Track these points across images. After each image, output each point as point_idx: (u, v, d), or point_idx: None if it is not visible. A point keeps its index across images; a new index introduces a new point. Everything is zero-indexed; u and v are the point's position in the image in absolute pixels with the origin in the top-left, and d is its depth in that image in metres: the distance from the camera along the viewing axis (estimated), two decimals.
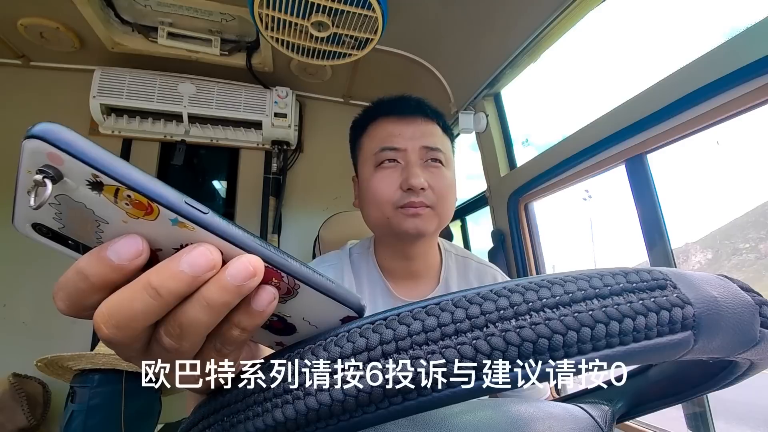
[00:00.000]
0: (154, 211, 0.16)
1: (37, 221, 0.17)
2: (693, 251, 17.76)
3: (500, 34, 1.09)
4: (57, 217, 0.17)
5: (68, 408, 1.05)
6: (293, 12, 1.02)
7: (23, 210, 0.16)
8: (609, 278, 0.17)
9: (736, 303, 0.19)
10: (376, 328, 0.17)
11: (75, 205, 0.16)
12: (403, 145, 0.61)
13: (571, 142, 0.95)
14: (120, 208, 0.16)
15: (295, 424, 0.16)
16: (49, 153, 0.15)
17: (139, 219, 0.16)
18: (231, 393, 0.19)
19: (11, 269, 1.35)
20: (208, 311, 0.16)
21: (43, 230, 0.18)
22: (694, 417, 0.74)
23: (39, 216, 0.17)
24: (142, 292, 0.16)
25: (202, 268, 0.16)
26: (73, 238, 0.18)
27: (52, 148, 0.14)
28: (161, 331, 0.17)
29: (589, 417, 0.29)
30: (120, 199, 0.16)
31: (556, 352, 0.15)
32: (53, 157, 0.15)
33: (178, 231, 0.16)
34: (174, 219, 0.16)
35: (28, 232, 0.18)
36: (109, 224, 0.17)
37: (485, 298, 0.17)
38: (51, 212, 0.17)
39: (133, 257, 0.16)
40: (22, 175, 0.15)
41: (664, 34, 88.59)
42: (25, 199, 0.15)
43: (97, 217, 0.16)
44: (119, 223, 0.16)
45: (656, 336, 0.17)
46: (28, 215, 0.17)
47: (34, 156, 0.15)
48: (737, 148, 52.63)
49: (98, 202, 0.16)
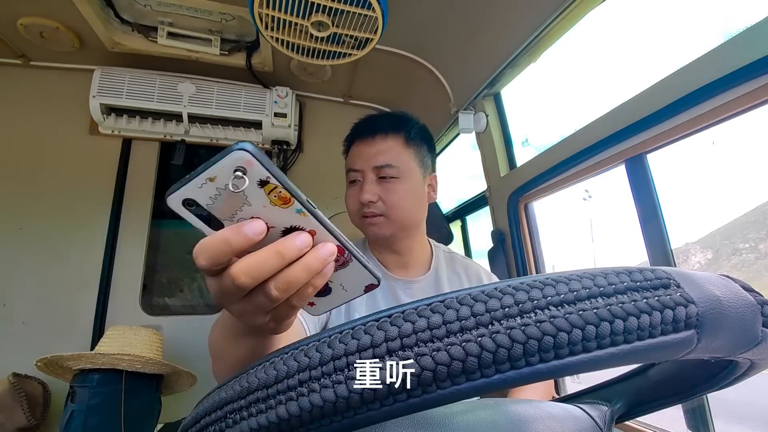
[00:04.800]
0: (290, 203, 0.25)
1: (192, 198, 0.24)
2: (693, 251, 17.76)
3: (500, 34, 1.09)
4: (213, 197, 0.24)
5: (68, 408, 1.05)
6: (293, 12, 1.02)
7: (189, 189, 0.23)
8: (613, 277, 0.17)
9: (739, 302, 0.19)
10: (381, 325, 0.17)
11: (236, 196, 0.24)
12: (360, 166, 0.72)
13: (571, 142, 0.96)
14: (268, 198, 0.24)
15: (299, 421, 0.16)
16: (248, 160, 0.22)
17: (276, 206, 0.25)
18: (234, 389, 0.19)
19: (11, 269, 1.34)
20: (306, 272, 0.25)
21: (191, 205, 0.24)
22: (693, 416, 0.74)
23: (198, 194, 0.24)
24: (273, 255, 0.24)
25: (306, 245, 0.25)
26: (212, 212, 0.25)
27: (252, 157, 0.22)
28: (271, 285, 0.25)
29: (588, 417, 0.29)
30: (272, 193, 0.24)
31: (561, 349, 0.15)
32: (249, 163, 0.23)
33: (296, 217, 0.25)
34: (299, 209, 0.25)
35: (177, 205, 0.24)
36: (252, 207, 0.24)
37: (490, 295, 0.17)
38: (212, 193, 0.24)
39: (260, 234, 0.24)
40: (216, 169, 0.23)
41: (664, 35, 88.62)
42: (199, 182, 0.23)
43: (246, 201, 0.24)
44: (259, 207, 0.24)
45: (660, 334, 0.17)
46: (187, 193, 0.24)
47: (236, 161, 0.22)
48: (737, 148, 51.79)
49: (256, 192, 0.24)
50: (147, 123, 1.47)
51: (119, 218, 1.47)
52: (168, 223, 1.67)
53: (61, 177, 1.44)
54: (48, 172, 1.43)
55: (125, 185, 1.50)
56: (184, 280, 1.72)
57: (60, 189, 1.43)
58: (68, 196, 1.43)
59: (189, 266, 1.71)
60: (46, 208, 1.41)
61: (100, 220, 1.45)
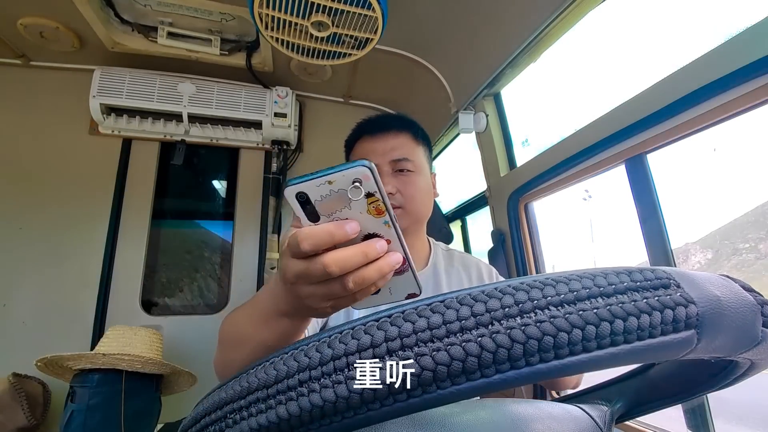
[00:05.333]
0: (382, 215, 0.30)
1: (306, 192, 0.29)
2: (693, 251, 17.72)
3: (500, 34, 1.09)
4: (324, 196, 0.29)
5: (68, 408, 1.05)
6: (293, 12, 1.02)
7: (308, 185, 0.28)
8: (613, 277, 0.17)
9: (739, 302, 0.19)
10: (381, 325, 0.17)
11: (343, 196, 0.29)
12: (376, 161, 0.71)
13: (571, 142, 0.96)
14: (366, 206, 0.29)
15: (299, 421, 0.16)
16: (366, 175, 0.28)
17: (370, 215, 0.30)
18: (234, 389, 0.19)
19: (11, 269, 1.34)
20: (378, 273, 0.30)
21: (302, 198, 0.29)
22: (694, 416, 0.74)
23: (312, 191, 0.28)
24: (360, 253, 0.30)
25: (384, 251, 0.31)
26: (316, 208, 0.29)
27: (370, 173, 0.28)
28: (349, 278, 0.30)
29: (588, 417, 0.29)
30: (372, 204, 0.29)
31: (561, 349, 0.15)
32: (366, 177, 0.28)
33: (381, 226, 0.30)
34: (386, 221, 0.30)
35: (291, 195, 0.29)
36: (350, 211, 0.29)
37: (490, 295, 0.17)
38: (324, 192, 0.28)
39: (355, 233, 0.30)
40: (338, 175, 0.28)
41: (664, 35, 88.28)
42: (319, 182, 0.28)
43: (348, 205, 0.29)
44: (356, 213, 0.29)
45: (660, 334, 0.17)
46: (304, 188, 0.28)
47: (358, 173, 0.28)
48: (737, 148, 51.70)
49: (359, 200, 0.29)
50: (147, 123, 1.47)
51: (119, 218, 1.47)
52: (168, 223, 1.67)
53: (61, 177, 1.44)
54: (48, 171, 1.43)
55: (125, 185, 1.50)
56: (184, 280, 1.72)
57: (60, 189, 1.43)
58: (68, 195, 1.43)
59: (189, 266, 1.71)
60: (46, 208, 1.41)
61: (100, 219, 1.45)
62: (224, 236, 1.74)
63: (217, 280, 1.72)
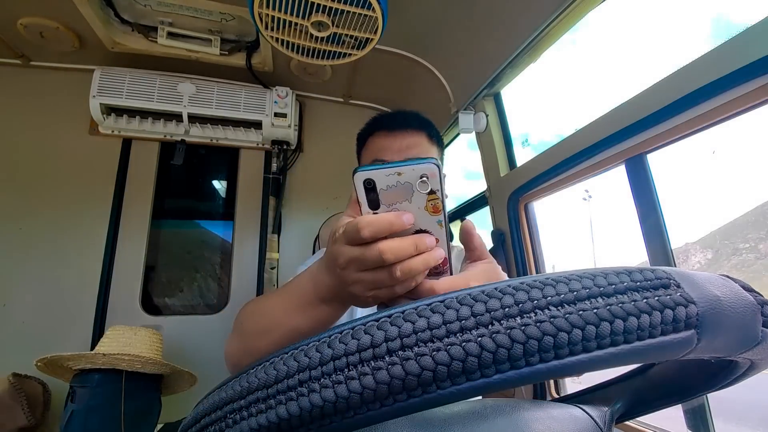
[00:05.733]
0: (437, 213, 0.32)
1: (374, 180, 0.31)
2: (693, 251, 17.74)
3: (500, 34, 1.09)
4: (389, 186, 0.31)
5: (68, 408, 1.05)
6: (293, 12, 1.02)
7: (378, 173, 0.30)
8: (613, 277, 0.17)
9: (739, 303, 0.19)
10: (381, 325, 0.17)
11: (408, 189, 0.31)
12: (390, 157, 0.71)
13: (571, 142, 0.96)
14: (425, 203, 0.31)
15: (299, 421, 0.16)
16: (434, 172, 0.30)
17: (426, 212, 0.32)
18: (234, 389, 0.19)
19: (11, 269, 1.34)
20: (424, 266, 0.32)
21: (369, 185, 0.31)
22: (693, 417, 0.74)
23: (380, 180, 0.31)
24: (413, 245, 0.32)
25: (432, 246, 0.33)
26: (379, 196, 0.31)
27: (437, 171, 0.30)
28: (398, 267, 0.32)
29: (588, 417, 0.29)
30: (431, 201, 0.31)
31: (561, 350, 0.15)
32: (433, 174, 0.30)
33: (434, 224, 0.33)
34: (440, 220, 0.32)
35: (359, 179, 0.31)
36: (410, 204, 0.32)
37: (490, 295, 0.17)
38: (391, 183, 0.31)
39: (410, 225, 0.32)
40: (407, 168, 0.30)
41: (664, 35, 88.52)
42: (390, 172, 0.30)
43: (409, 198, 0.31)
44: (415, 207, 0.32)
45: (660, 334, 0.17)
46: (373, 175, 0.31)
47: (426, 169, 0.30)
48: (737, 148, 51.42)
49: (420, 195, 0.31)
50: (147, 123, 1.47)
51: (119, 218, 1.47)
52: (168, 223, 1.67)
53: (61, 177, 1.44)
54: (48, 171, 1.43)
55: (125, 185, 1.51)
56: (184, 280, 1.72)
57: (60, 189, 1.43)
58: (68, 195, 1.43)
59: (189, 266, 1.71)
60: (45, 208, 1.41)
61: (100, 219, 1.45)
62: (224, 236, 1.74)
63: (217, 280, 1.72)
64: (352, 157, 0.81)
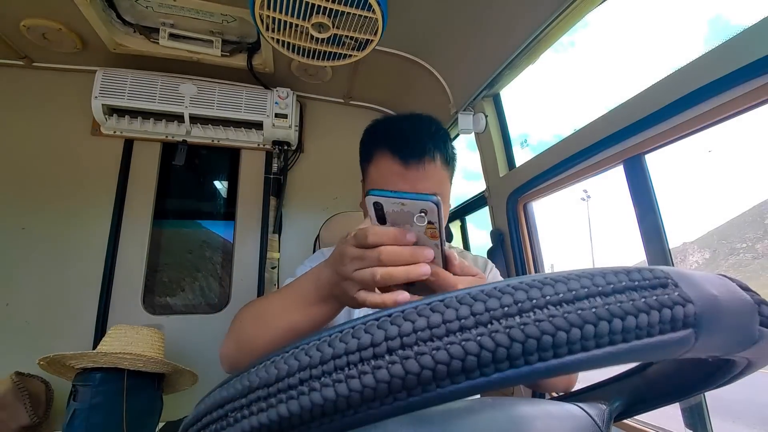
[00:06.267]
0: (435, 238, 0.38)
1: (382, 204, 0.36)
2: (690, 251, 17.69)
3: (499, 36, 1.09)
4: (395, 211, 0.36)
5: (70, 406, 1.05)
6: (294, 13, 1.02)
7: (386, 200, 0.36)
8: (611, 276, 0.17)
9: (736, 302, 0.19)
10: (381, 325, 0.17)
11: (410, 216, 0.36)
12: (400, 188, 0.64)
13: (570, 142, 0.96)
14: (424, 230, 0.38)
15: (300, 419, 0.17)
16: (432, 209, 0.35)
17: (426, 236, 0.38)
18: (235, 387, 0.19)
19: (14, 269, 1.35)
20: (404, 274, 0.38)
21: (378, 207, 0.36)
22: (691, 415, 0.74)
23: (388, 205, 0.36)
24: (410, 252, 0.38)
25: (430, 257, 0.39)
26: (386, 217, 0.37)
27: (436, 208, 0.35)
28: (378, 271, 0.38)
29: (586, 416, 0.29)
30: (429, 229, 0.37)
31: (560, 348, 0.16)
32: (432, 211, 0.36)
33: (431, 244, 0.39)
34: (437, 243, 0.38)
35: (370, 201, 0.36)
36: (412, 228, 0.38)
37: (489, 295, 0.17)
38: (396, 209, 0.36)
39: (412, 242, 0.38)
40: (410, 201, 0.36)
41: (664, 35, 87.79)
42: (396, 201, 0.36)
43: (411, 223, 0.37)
44: (420, 232, 0.38)
45: (658, 334, 0.17)
46: (382, 201, 0.36)
47: (425, 205, 0.35)
48: (735, 148, 51.07)
49: (421, 223, 0.37)
50: (149, 124, 1.48)
51: (121, 218, 1.48)
52: (169, 223, 1.67)
53: (64, 177, 1.45)
54: (51, 172, 1.44)
55: (127, 185, 1.51)
56: (186, 279, 1.72)
57: (62, 189, 1.44)
58: (70, 196, 1.44)
59: (190, 266, 1.71)
60: (48, 208, 1.41)
61: (102, 219, 1.45)
62: (225, 236, 1.74)
63: (219, 280, 1.72)
64: (352, 157, 0.81)
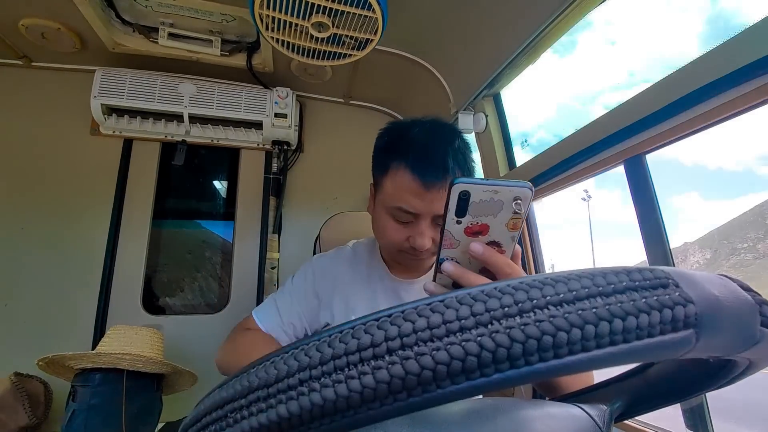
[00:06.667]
0: (515, 230, 0.36)
1: (470, 192, 0.33)
2: (691, 251, 17.70)
3: (500, 35, 1.09)
4: (483, 201, 0.33)
5: (69, 407, 1.05)
6: (293, 13, 1.02)
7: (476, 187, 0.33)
8: (612, 277, 0.17)
9: (737, 302, 0.19)
10: (381, 325, 0.17)
11: (499, 206, 0.34)
12: (420, 210, 0.62)
13: (570, 142, 0.96)
14: (508, 220, 0.35)
15: (300, 420, 0.17)
16: (527, 196, 0.33)
17: (506, 227, 0.35)
18: (235, 388, 0.19)
19: (12, 269, 1.35)
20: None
21: (464, 196, 0.33)
22: (692, 416, 0.74)
23: (476, 193, 0.33)
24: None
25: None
26: (469, 208, 0.34)
27: (531, 195, 0.34)
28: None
29: (587, 416, 0.29)
30: (513, 219, 0.34)
31: (560, 349, 0.15)
32: (525, 198, 0.33)
33: (508, 239, 0.36)
34: (515, 236, 0.36)
35: (456, 189, 0.33)
36: (495, 219, 0.35)
37: (490, 295, 0.17)
38: (486, 198, 0.33)
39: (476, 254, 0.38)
40: (504, 188, 0.33)
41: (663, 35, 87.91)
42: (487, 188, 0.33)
43: (495, 214, 0.34)
44: (498, 222, 0.35)
45: (659, 334, 0.17)
46: (471, 188, 0.33)
47: (521, 192, 0.33)
48: (736, 147, 51.31)
49: (507, 214, 0.34)
50: (148, 123, 1.48)
51: (120, 218, 1.48)
52: (169, 223, 1.67)
53: (63, 177, 1.44)
54: (49, 172, 1.43)
55: (126, 185, 1.51)
56: (185, 279, 1.72)
57: (61, 189, 1.44)
58: (69, 196, 1.44)
59: (190, 266, 1.71)
60: (47, 208, 1.41)
61: (102, 220, 1.45)
62: (225, 236, 1.74)
63: (218, 280, 1.72)
64: (352, 157, 0.81)
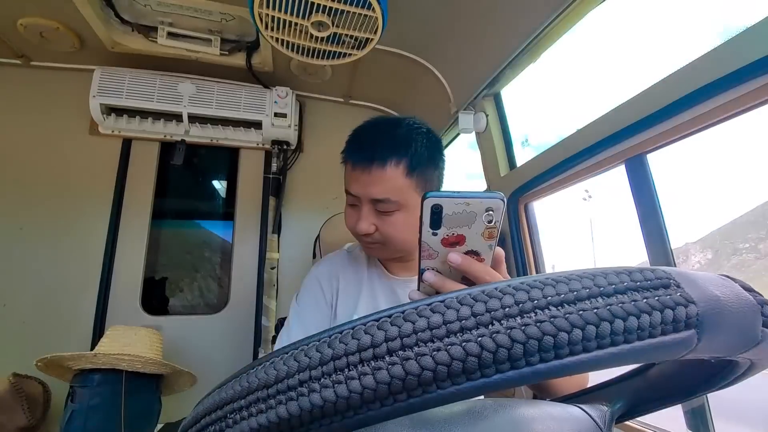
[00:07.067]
0: (490, 240, 0.36)
1: (442, 206, 0.33)
2: (693, 251, 17.74)
3: (500, 34, 1.09)
4: (455, 213, 0.33)
5: (68, 408, 1.05)
6: (293, 12, 1.02)
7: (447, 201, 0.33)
8: (613, 277, 0.17)
9: (739, 302, 0.19)
10: (381, 325, 0.17)
11: (472, 217, 0.34)
12: (357, 193, 0.67)
13: (571, 142, 0.96)
14: (483, 230, 0.35)
15: (299, 421, 0.16)
16: (499, 208, 0.33)
17: (482, 237, 0.35)
18: (234, 389, 0.19)
19: (11, 269, 1.34)
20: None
21: (436, 209, 0.33)
22: (693, 417, 0.74)
23: (448, 206, 0.33)
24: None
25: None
26: (443, 220, 0.34)
27: (503, 207, 0.33)
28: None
29: (588, 417, 0.29)
30: (488, 229, 0.34)
31: (561, 349, 0.15)
32: (498, 209, 0.34)
33: (485, 248, 0.36)
34: (491, 245, 0.37)
35: (428, 203, 0.33)
36: (469, 229, 0.35)
37: (490, 295, 0.17)
38: (458, 210, 0.33)
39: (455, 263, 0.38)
40: (476, 200, 0.33)
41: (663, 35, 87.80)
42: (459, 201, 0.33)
43: (470, 224, 0.34)
44: (473, 232, 0.35)
45: (660, 334, 0.17)
46: (443, 202, 0.33)
47: (493, 203, 0.33)
48: (737, 148, 51.37)
49: (481, 224, 0.34)
50: (147, 123, 1.47)
51: (119, 218, 1.47)
52: (168, 223, 1.67)
53: (62, 177, 1.44)
54: (48, 172, 1.43)
55: (125, 185, 1.51)
56: (184, 280, 1.72)
57: (60, 189, 1.43)
58: (68, 195, 1.44)
59: (189, 266, 1.71)
60: (46, 208, 1.41)
61: (101, 219, 1.45)
62: (224, 236, 1.74)
63: (217, 280, 1.72)
64: None
